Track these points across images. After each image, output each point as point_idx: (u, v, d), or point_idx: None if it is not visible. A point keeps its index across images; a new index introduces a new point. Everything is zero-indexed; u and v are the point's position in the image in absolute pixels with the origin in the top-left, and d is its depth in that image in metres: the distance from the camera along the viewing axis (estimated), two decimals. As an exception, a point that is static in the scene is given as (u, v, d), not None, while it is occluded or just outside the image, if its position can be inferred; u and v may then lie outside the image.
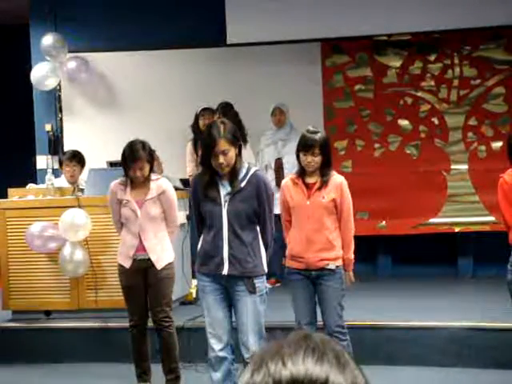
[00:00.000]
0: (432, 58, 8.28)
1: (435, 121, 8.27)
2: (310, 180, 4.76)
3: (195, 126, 7.73)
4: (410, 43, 8.28)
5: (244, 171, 4.37)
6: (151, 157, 5.14)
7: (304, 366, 0.91)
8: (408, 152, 8.28)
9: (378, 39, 8.32)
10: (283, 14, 8.07)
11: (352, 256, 4.81)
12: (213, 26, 8.26)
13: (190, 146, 7.84)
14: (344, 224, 4.77)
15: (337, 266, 4.74)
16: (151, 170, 5.15)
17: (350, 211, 4.80)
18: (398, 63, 8.34)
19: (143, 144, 5.12)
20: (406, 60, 8.31)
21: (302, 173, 4.77)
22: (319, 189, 4.72)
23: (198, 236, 4.53)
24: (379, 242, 8.33)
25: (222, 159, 4.25)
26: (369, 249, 8.19)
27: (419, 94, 8.29)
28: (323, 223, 4.72)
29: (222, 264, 4.33)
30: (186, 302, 6.80)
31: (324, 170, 4.73)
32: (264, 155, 7.88)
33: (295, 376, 0.90)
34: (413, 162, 8.26)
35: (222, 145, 4.24)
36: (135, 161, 5.03)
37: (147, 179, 5.14)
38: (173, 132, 8.32)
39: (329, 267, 4.72)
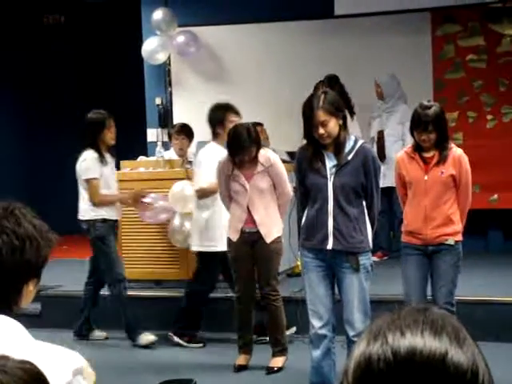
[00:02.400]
0: (549, 24, 7.94)
1: (552, 91, 7.95)
2: (427, 154, 4.60)
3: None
4: (526, 10, 7.96)
5: (351, 144, 4.29)
6: (257, 140, 5.16)
7: (423, 338, 0.90)
8: (522, 123, 8.00)
9: (493, 6, 8.03)
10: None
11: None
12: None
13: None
14: (462, 197, 4.64)
15: (456, 242, 4.62)
16: (258, 150, 5.16)
17: (469, 184, 4.65)
18: (513, 31, 8.04)
19: (248, 130, 5.13)
20: (522, 27, 8.00)
21: (418, 147, 4.62)
22: (437, 164, 4.57)
23: (302, 210, 4.49)
24: (491, 216, 8.11)
25: (321, 130, 4.19)
26: (480, 223, 7.99)
27: (535, 62, 7.98)
28: (442, 198, 4.58)
29: (326, 238, 4.26)
30: (292, 274, 6.83)
31: (441, 144, 4.57)
32: (371, 128, 7.80)
33: (414, 347, 0.89)
34: (527, 133, 7.97)
35: (321, 116, 4.18)
36: (241, 150, 5.09)
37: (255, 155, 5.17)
38: (280, 104, 8.33)
39: (448, 242, 4.60)
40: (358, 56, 8.24)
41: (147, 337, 6.03)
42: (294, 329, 5.80)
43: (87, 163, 5.91)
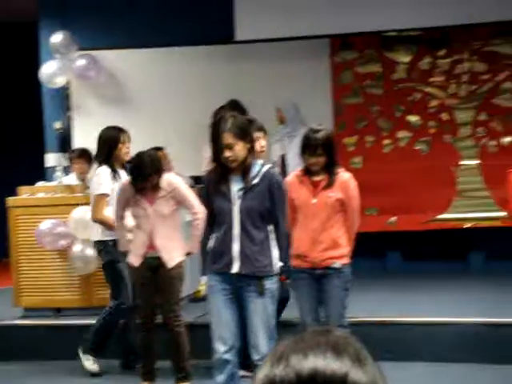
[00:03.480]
0: (441, 53, 8.26)
1: (445, 116, 8.25)
2: (316, 178, 4.66)
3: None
4: (420, 38, 8.26)
5: (257, 168, 4.31)
6: (160, 168, 5.14)
7: (325, 359, 0.91)
8: (418, 148, 8.27)
9: (388, 35, 8.30)
10: (291, 10, 8.04)
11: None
12: (221, 23, 8.24)
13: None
14: (350, 221, 4.70)
15: (342, 265, 4.67)
16: (160, 177, 5.14)
17: (356, 209, 4.72)
18: (407, 59, 8.32)
19: (151, 158, 5.11)
20: (416, 55, 8.29)
21: (308, 170, 4.69)
22: (326, 187, 4.63)
23: (210, 233, 4.48)
24: (388, 237, 8.31)
25: (228, 153, 4.19)
26: (378, 245, 8.18)
27: (428, 89, 8.27)
28: (329, 222, 4.64)
29: (231, 262, 4.26)
30: (195, 299, 6.80)
31: (329, 168, 4.64)
32: (272, 152, 7.87)
33: (316, 368, 0.90)
34: (422, 157, 8.24)
35: (227, 138, 4.19)
36: (143, 178, 5.06)
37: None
38: (183, 129, 8.32)
39: (334, 266, 4.65)
40: (258, 81, 8.34)
41: (92, 365, 5.81)
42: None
43: (99, 178, 5.67)
